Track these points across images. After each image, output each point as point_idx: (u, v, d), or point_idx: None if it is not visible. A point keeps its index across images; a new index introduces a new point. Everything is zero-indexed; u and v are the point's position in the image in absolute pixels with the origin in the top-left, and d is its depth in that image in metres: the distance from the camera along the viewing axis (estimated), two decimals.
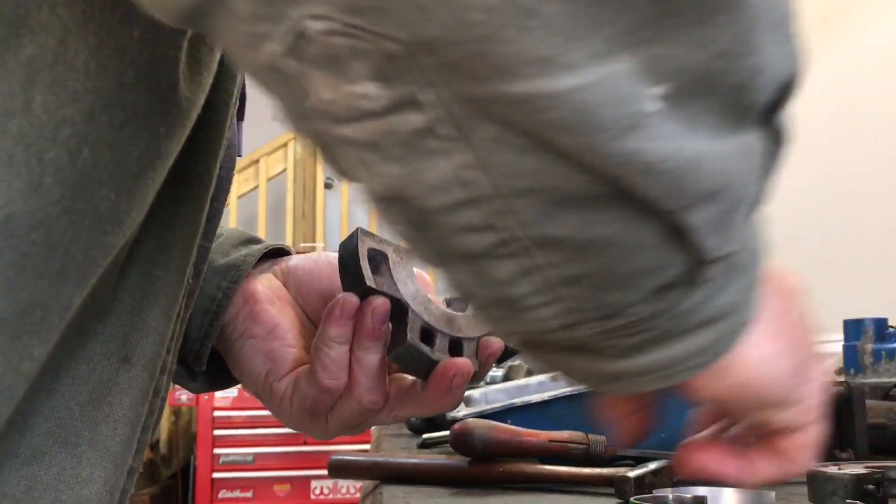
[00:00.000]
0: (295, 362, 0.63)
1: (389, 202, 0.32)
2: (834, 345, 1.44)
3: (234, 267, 0.64)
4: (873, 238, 1.98)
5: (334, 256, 0.63)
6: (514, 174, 0.30)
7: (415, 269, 0.59)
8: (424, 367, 0.58)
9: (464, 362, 0.58)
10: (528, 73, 0.28)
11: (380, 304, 0.57)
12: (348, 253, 0.57)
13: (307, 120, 0.31)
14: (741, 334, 0.39)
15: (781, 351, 0.42)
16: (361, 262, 0.56)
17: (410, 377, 0.61)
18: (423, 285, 0.59)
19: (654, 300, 0.35)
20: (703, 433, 0.50)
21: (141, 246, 0.45)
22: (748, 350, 0.40)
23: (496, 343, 0.61)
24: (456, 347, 0.58)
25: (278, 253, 0.68)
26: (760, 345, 0.41)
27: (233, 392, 4.16)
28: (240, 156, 0.57)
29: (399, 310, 0.57)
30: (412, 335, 0.56)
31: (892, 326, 1.30)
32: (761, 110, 0.33)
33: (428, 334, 0.58)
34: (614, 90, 0.28)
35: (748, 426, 0.47)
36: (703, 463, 0.48)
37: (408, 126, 0.29)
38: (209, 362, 0.65)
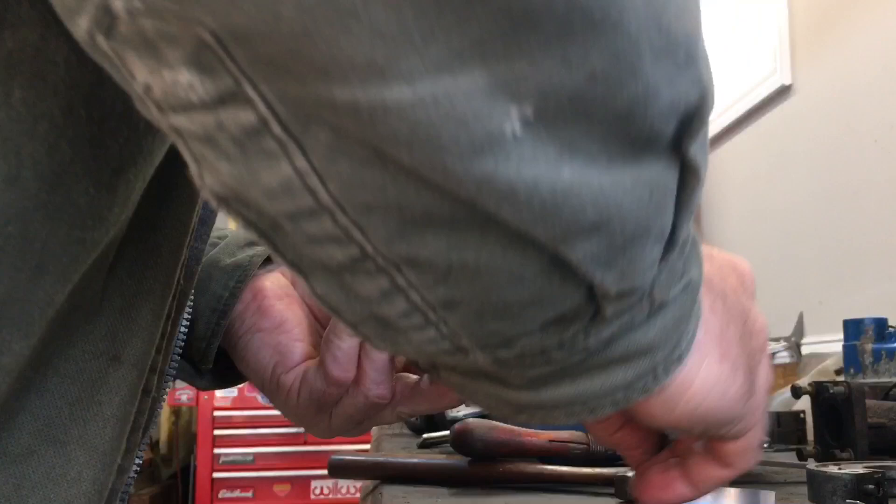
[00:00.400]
0: (303, 356, 0.63)
1: (230, 203, 0.30)
2: (834, 344, 1.44)
3: (240, 267, 0.65)
4: (873, 238, 1.98)
5: None
6: (356, 187, 0.28)
7: None
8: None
9: None
10: (354, 79, 0.25)
11: None
12: None
13: (142, 104, 0.29)
14: (671, 370, 0.38)
15: (731, 372, 0.42)
16: None
17: (415, 375, 0.62)
18: None
19: (549, 333, 0.34)
20: (648, 458, 0.49)
21: (130, 245, 0.45)
22: (697, 378, 0.40)
23: None
24: None
25: None
26: (709, 370, 0.41)
27: (233, 392, 4.17)
28: None
29: None
30: None
31: (892, 326, 1.30)
32: (667, 141, 0.31)
33: None
34: (462, 106, 0.26)
35: (692, 438, 0.47)
36: (658, 495, 0.48)
37: (238, 123, 0.27)
38: (216, 360, 0.65)
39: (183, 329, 0.61)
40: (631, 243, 0.32)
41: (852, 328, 1.32)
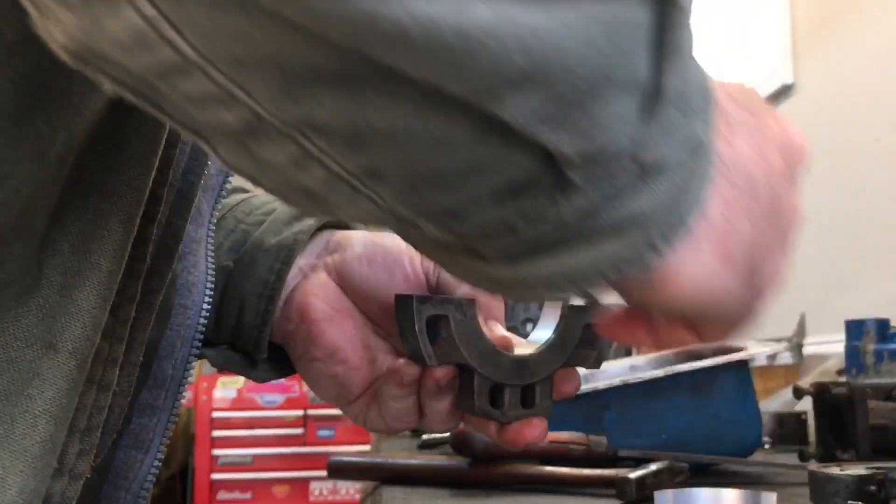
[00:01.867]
0: (363, 384, 0.61)
1: (87, 60, 0.27)
2: (836, 345, 1.44)
3: (285, 247, 0.61)
4: (875, 238, 1.98)
5: (388, 255, 0.60)
6: (218, 36, 0.25)
7: (482, 322, 0.55)
8: (496, 426, 0.57)
9: (534, 433, 0.56)
10: None
11: (441, 376, 0.55)
12: (405, 324, 0.54)
13: None
14: (667, 244, 0.34)
15: (729, 274, 0.37)
16: (419, 337, 0.53)
17: None
18: (492, 335, 0.55)
19: (504, 204, 0.30)
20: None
21: (73, 216, 0.40)
22: (684, 269, 0.36)
23: (571, 380, 0.58)
24: (528, 395, 0.56)
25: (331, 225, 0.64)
26: (702, 266, 0.36)
27: (232, 393, 4.16)
28: None
29: (465, 373, 0.55)
30: (480, 401, 0.55)
31: (894, 327, 1.29)
32: None
33: (498, 391, 0.55)
34: None
35: None
36: (616, 331, 0.45)
37: None
38: (271, 349, 0.62)
39: (202, 321, 0.59)
40: (587, 96, 0.27)
41: (854, 329, 1.31)
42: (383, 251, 0.61)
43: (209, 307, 0.60)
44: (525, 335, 0.59)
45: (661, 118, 0.30)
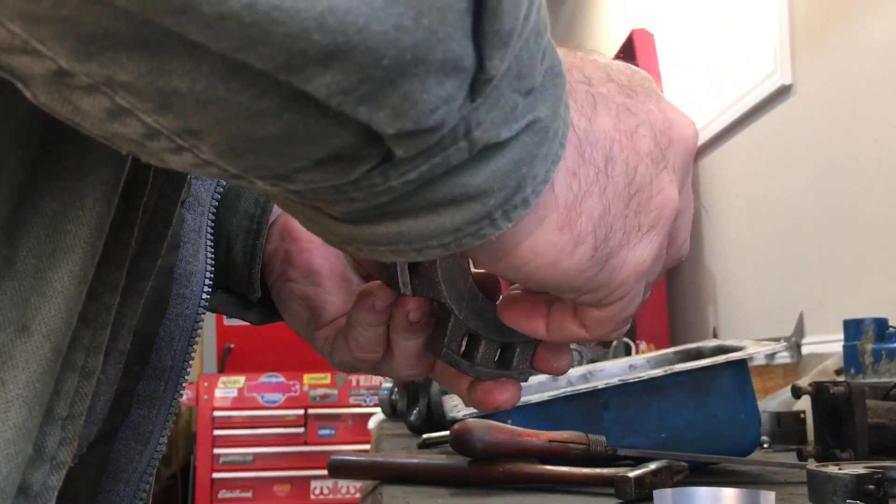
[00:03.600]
0: (335, 312, 0.58)
1: None
2: (834, 345, 1.44)
3: None
4: (874, 238, 1.98)
5: None
6: None
7: (471, 267, 0.52)
8: (467, 383, 0.53)
9: (504, 396, 0.51)
10: None
11: (412, 308, 0.50)
12: None
13: None
14: (512, 216, 0.35)
15: (570, 245, 0.39)
16: (398, 262, 0.50)
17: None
18: (481, 284, 0.51)
19: (330, 171, 0.31)
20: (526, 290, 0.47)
21: (47, 198, 0.39)
22: (527, 239, 0.38)
23: (560, 357, 0.51)
24: (506, 355, 0.52)
25: None
26: (542, 236, 0.38)
27: (233, 392, 4.17)
28: None
29: (443, 314, 0.51)
30: (449, 345, 0.50)
31: (892, 326, 1.30)
32: None
33: (474, 343, 0.51)
34: None
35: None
36: (516, 318, 0.46)
37: None
38: (265, 290, 0.60)
39: (201, 312, 0.58)
40: (399, 77, 0.28)
41: (853, 328, 1.32)
42: None
43: (208, 297, 0.59)
44: None
45: (493, 98, 0.32)
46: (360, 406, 4.16)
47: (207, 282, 0.59)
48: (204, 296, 0.59)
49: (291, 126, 0.29)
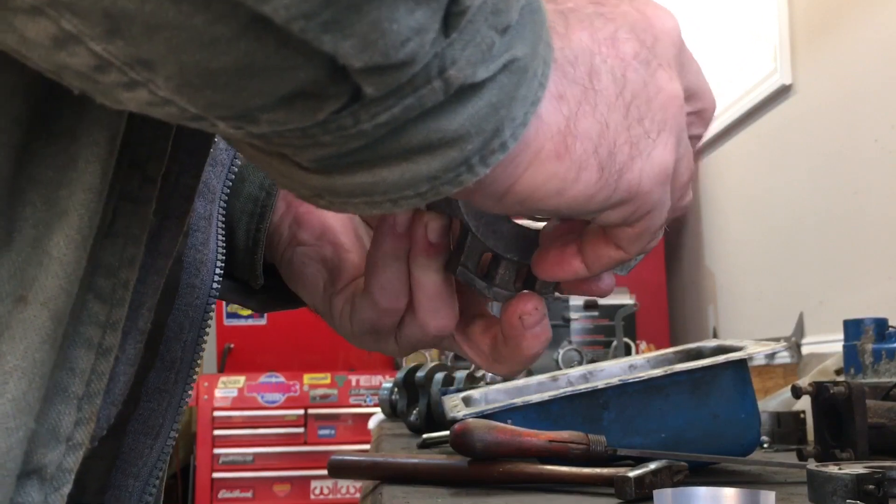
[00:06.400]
0: (353, 270, 0.55)
1: None
2: (834, 344, 1.44)
3: None
4: (873, 238, 1.98)
5: None
6: None
7: None
8: (488, 336, 0.51)
9: (526, 306, 0.48)
10: None
11: (430, 219, 0.48)
12: None
13: None
14: (489, 161, 0.34)
15: (573, 171, 0.38)
16: None
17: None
18: None
19: (295, 110, 0.30)
20: (550, 233, 0.46)
21: (43, 165, 0.38)
22: (524, 175, 0.37)
23: (597, 279, 0.48)
24: (529, 277, 0.49)
25: None
26: (540, 168, 0.37)
27: (233, 392, 4.17)
28: None
29: (461, 235, 0.49)
30: (464, 265, 0.48)
31: (892, 326, 1.30)
32: None
33: (494, 265, 0.49)
34: None
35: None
36: (551, 270, 0.45)
37: None
38: (268, 278, 0.58)
39: (211, 302, 0.56)
40: (366, 1, 0.27)
41: (852, 328, 1.32)
42: None
43: (219, 287, 0.57)
44: None
45: (468, 35, 0.30)
46: (360, 406, 4.16)
47: (218, 271, 0.57)
48: (214, 285, 0.57)
49: (250, 55, 0.28)
